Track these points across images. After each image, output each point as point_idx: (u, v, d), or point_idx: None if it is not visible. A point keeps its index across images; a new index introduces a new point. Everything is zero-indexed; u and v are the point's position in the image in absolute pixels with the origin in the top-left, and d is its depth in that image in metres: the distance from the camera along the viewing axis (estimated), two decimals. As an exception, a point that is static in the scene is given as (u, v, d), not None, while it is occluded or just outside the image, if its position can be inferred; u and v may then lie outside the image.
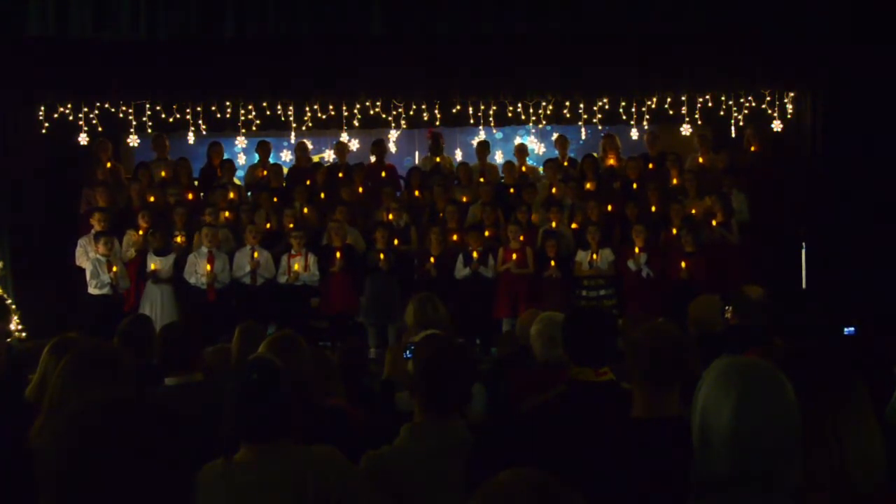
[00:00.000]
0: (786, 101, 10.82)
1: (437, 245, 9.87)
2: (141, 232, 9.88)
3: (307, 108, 10.95)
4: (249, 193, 11.31)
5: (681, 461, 2.12)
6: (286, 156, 12.88)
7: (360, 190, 11.04)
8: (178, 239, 9.95)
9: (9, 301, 9.60)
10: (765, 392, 2.00)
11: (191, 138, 11.13)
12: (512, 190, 11.03)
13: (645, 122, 11.11)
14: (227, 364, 4.52)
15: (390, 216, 10.36)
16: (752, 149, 10.93)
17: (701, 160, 11.15)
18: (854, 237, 9.81)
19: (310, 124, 11.13)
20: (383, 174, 11.46)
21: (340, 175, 11.25)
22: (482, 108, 10.98)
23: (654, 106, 10.94)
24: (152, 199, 10.56)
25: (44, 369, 3.63)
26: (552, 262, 9.71)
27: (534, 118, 11.09)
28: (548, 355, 4.21)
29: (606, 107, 11.05)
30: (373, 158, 11.99)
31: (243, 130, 11.42)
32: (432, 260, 9.73)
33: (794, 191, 10.73)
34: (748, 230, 10.29)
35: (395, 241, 9.93)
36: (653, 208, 10.34)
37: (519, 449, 3.06)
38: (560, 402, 3.31)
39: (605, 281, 9.82)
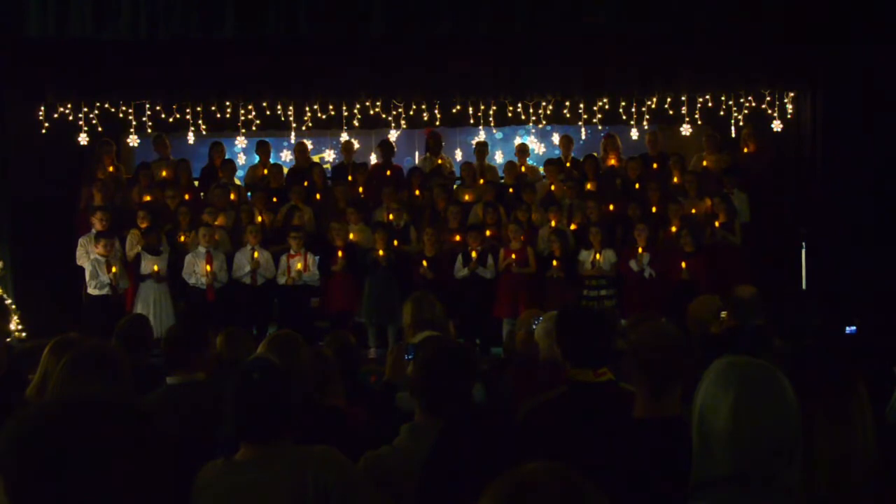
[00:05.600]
0: (786, 101, 10.81)
1: (431, 246, 9.87)
2: (144, 228, 9.88)
3: (307, 108, 10.94)
4: (249, 194, 11.31)
5: (681, 461, 2.12)
6: (286, 156, 12.88)
7: (361, 190, 11.05)
8: (183, 238, 9.96)
9: (9, 301, 9.61)
10: (763, 391, 2.00)
11: (191, 138, 11.12)
12: (511, 190, 11.04)
13: (645, 122, 11.10)
14: (218, 368, 4.52)
15: (391, 216, 10.35)
16: (746, 150, 10.94)
17: (705, 163, 11.14)
18: (854, 237, 9.81)
19: (310, 124, 11.12)
20: (388, 173, 11.45)
21: (350, 178, 11.23)
22: (482, 108, 10.98)
23: (654, 106, 10.94)
24: (148, 198, 10.57)
25: (44, 369, 3.63)
26: (554, 262, 9.71)
27: (534, 118, 11.09)
28: (553, 354, 4.21)
29: (606, 107, 11.04)
30: (374, 158, 11.97)
31: (243, 130, 11.41)
32: (424, 263, 9.71)
33: (794, 191, 10.73)
34: (748, 230, 10.29)
35: (395, 242, 9.93)
36: (653, 209, 10.35)
37: (519, 449, 3.06)
38: (560, 403, 3.31)
39: (606, 281, 9.82)
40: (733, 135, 11.05)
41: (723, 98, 10.85)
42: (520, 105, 11.00)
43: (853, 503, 2.11)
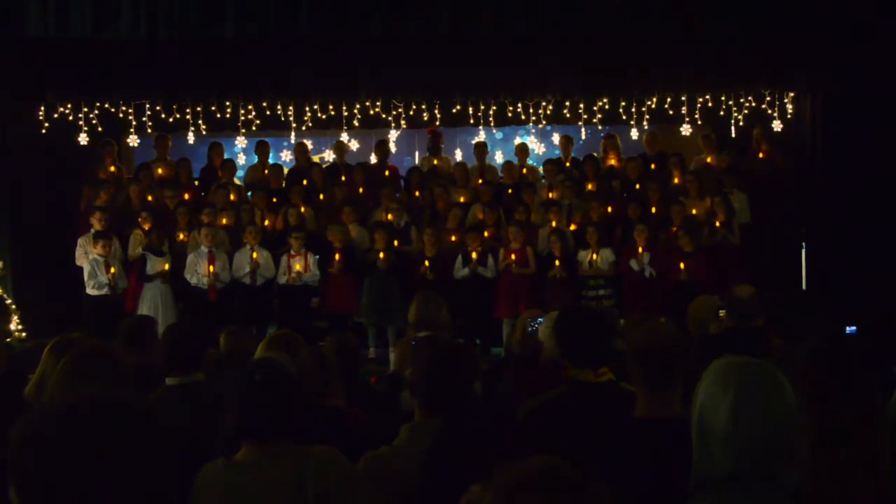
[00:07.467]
0: (786, 101, 10.82)
1: (430, 246, 9.86)
2: (147, 229, 9.88)
3: (307, 108, 10.94)
4: (249, 194, 11.31)
5: (683, 461, 2.12)
6: (286, 156, 12.88)
7: (361, 190, 11.05)
8: (181, 238, 9.95)
9: (9, 301, 9.61)
10: (762, 391, 2.01)
11: (191, 138, 11.12)
12: (510, 191, 11.03)
13: (645, 123, 11.10)
14: (218, 367, 4.52)
15: (390, 216, 10.35)
16: (762, 155, 10.90)
17: (709, 160, 11.13)
18: (854, 237, 9.81)
19: (310, 124, 11.12)
20: (386, 173, 11.45)
21: (343, 178, 11.24)
22: (482, 108, 10.98)
23: (654, 106, 10.94)
24: (150, 198, 10.57)
25: (44, 369, 3.63)
26: (556, 262, 9.71)
27: (534, 118, 11.09)
28: (557, 353, 4.21)
29: (606, 107, 11.05)
30: (374, 159, 11.99)
31: (243, 130, 11.41)
32: (427, 263, 9.71)
33: (794, 191, 10.72)
34: (748, 230, 10.29)
35: (395, 242, 9.93)
36: (653, 209, 10.34)
37: (519, 449, 3.06)
38: (560, 403, 3.31)
39: (604, 281, 9.82)
40: (733, 134, 11.06)
41: (723, 98, 10.85)
42: (520, 105, 11.00)
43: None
